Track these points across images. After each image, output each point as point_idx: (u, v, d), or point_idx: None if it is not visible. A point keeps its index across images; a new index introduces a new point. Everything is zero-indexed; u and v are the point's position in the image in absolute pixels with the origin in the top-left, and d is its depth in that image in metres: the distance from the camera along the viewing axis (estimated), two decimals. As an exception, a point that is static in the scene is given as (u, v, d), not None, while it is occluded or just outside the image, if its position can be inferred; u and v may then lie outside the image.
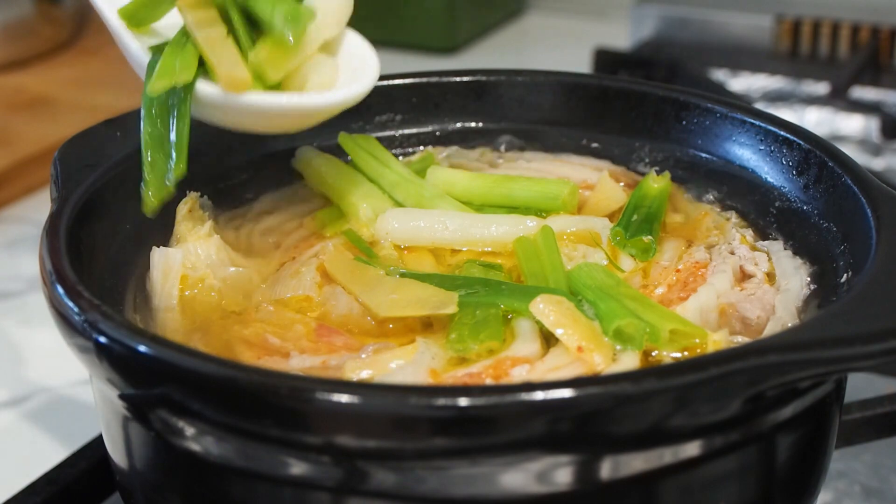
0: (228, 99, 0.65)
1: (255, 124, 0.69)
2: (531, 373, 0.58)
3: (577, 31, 1.81)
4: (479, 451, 0.49)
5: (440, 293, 0.63)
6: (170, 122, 0.66)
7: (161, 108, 0.66)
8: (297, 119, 0.69)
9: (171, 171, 0.65)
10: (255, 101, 0.66)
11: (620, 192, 0.77)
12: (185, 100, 0.65)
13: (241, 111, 0.66)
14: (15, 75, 1.53)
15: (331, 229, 0.74)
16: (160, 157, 0.66)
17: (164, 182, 0.66)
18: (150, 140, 0.66)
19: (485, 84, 0.84)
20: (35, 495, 0.74)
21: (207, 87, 0.66)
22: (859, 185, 0.65)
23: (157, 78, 0.64)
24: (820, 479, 0.62)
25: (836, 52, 1.55)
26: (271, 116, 0.67)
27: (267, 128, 0.71)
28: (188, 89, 0.65)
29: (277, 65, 0.66)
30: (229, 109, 0.66)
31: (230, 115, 0.68)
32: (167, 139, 0.66)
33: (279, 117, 0.68)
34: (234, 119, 0.68)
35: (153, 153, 0.66)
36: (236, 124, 0.69)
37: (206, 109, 0.67)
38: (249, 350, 0.62)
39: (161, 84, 0.64)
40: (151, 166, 0.66)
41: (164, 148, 0.66)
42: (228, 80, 0.65)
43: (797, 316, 0.64)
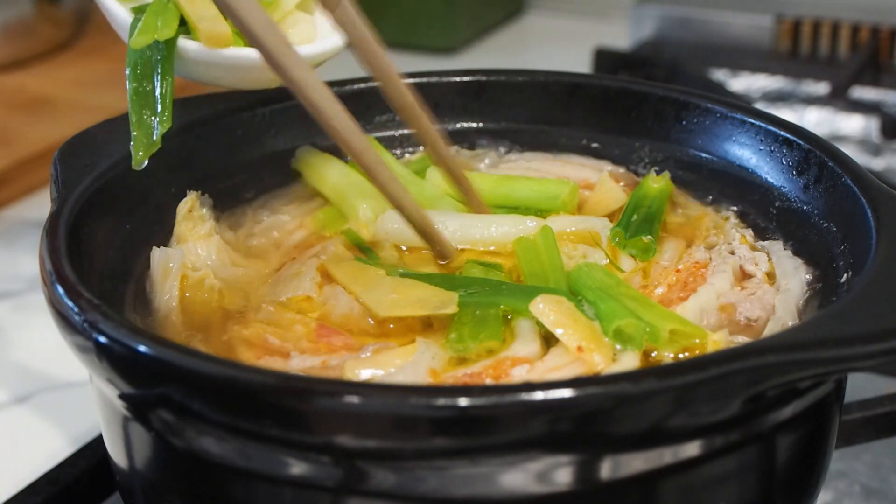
0: (210, 54, 0.68)
1: (236, 79, 0.71)
2: (531, 373, 0.58)
3: (577, 31, 1.81)
4: (480, 451, 0.49)
5: (440, 293, 0.63)
6: (154, 79, 0.68)
7: (145, 65, 0.68)
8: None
9: (157, 125, 0.67)
10: (236, 55, 0.68)
11: (620, 192, 0.77)
12: (168, 56, 0.68)
13: (223, 66, 0.69)
14: (15, 75, 1.53)
15: (331, 229, 0.74)
16: (146, 113, 0.68)
17: (152, 137, 0.67)
18: (136, 96, 0.68)
19: (485, 84, 0.84)
20: (35, 495, 0.74)
21: (190, 43, 0.68)
22: (859, 185, 0.65)
23: (139, 33, 0.67)
24: (820, 479, 0.62)
25: (836, 52, 1.55)
26: (252, 70, 0.69)
27: (248, 83, 0.73)
28: (170, 44, 0.68)
29: None
30: (211, 64, 0.69)
31: (212, 71, 0.70)
32: (152, 95, 0.68)
33: (258, 71, 0.69)
34: (216, 74, 0.70)
35: (139, 109, 0.68)
36: (218, 79, 0.71)
37: (189, 66, 0.69)
38: (249, 350, 0.62)
39: (143, 38, 0.66)
40: (138, 122, 0.68)
41: (149, 104, 0.68)
42: (210, 35, 0.67)
43: (797, 316, 0.64)
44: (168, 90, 0.68)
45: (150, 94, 0.68)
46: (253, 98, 0.80)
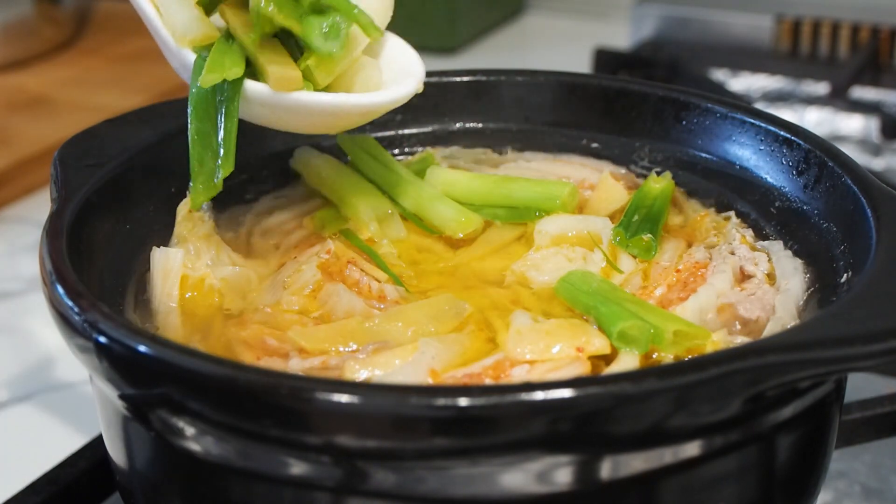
0: (278, 98, 0.65)
1: (301, 124, 0.69)
2: (531, 373, 0.58)
3: (577, 31, 1.81)
4: (480, 451, 0.49)
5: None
6: (217, 120, 0.66)
7: (208, 106, 0.66)
8: (343, 119, 0.69)
9: (220, 168, 0.66)
10: (303, 100, 0.66)
11: (622, 191, 0.77)
12: (233, 96, 0.66)
13: (290, 110, 0.67)
14: (15, 75, 1.53)
15: (330, 229, 0.74)
16: (208, 155, 0.66)
17: (213, 180, 0.66)
18: (198, 137, 0.66)
19: (485, 84, 0.84)
20: (35, 495, 0.74)
21: (256, 86, 0.66)
22: (859, 185, 0.65)
23: (207, 71, 0.64)
24: (820, 479, 0.62)
25: (836, 52, 1.55)
26: (319, 115, 0.67)
27: (312, 128, 0.71)
28: (237, 85, 0.66)
29: (326, 69, 0.67)
30: (278, 108, 0.67)
31: (277, 114, 0.68)
32: (215, 137, 0.66)
33: (326, 116, 0.68)
34: (281, 118, 0.69)
35: (201, 150, 0.66)
36: (282, 124, 0.70)
37: (253, 108, 0.67)
38: (249, 351, 0.62)
39: (211, 77, 0.64)
40: (199, 164, 0.66)
41: (211, 145, 0.66)
42: (279, 78, 0.65)
43: (797, 316, 0.64)
44: (232, 133, 0.66)
45: (213, 135, 0.66)
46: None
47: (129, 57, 1.60)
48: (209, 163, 0.66)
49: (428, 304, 0.65)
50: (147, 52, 1.60)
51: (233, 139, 0.66)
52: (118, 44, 1.64)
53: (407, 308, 0.65)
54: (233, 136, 0.66)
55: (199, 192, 0.67)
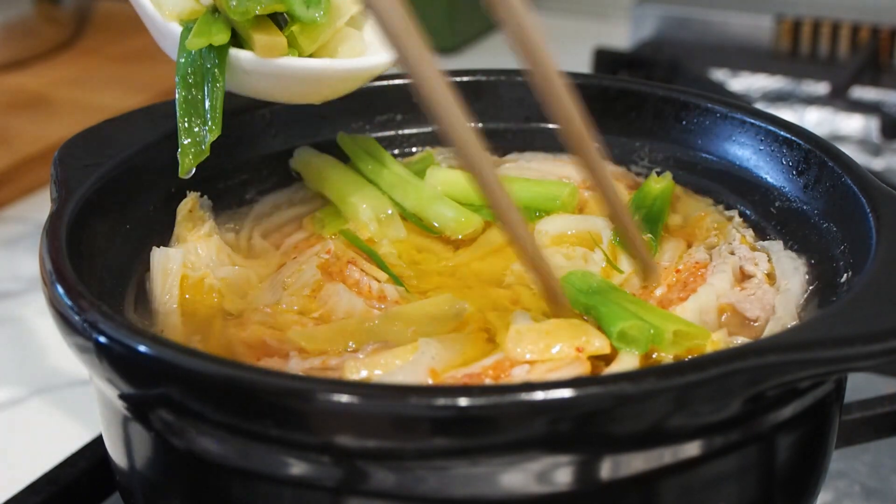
0: (263, 64, 0.66)
1: (287, 92, 0.70)
2: (531, 373, 0.58)
3: (577, 31, 1.81)
4: (480, 451, 0.49)
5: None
6: (204, 87, 0.67)
7: (195, 73, 0.67)
8: (328, 85, 0.70)
9: (207, 134, 0.67)
10: (289, 65, 0.67)
11: (623, 191, 0.77)
12: (219, 64, 0.67)
13: (275, 76, 0.68)
14: (15, 75, 1.53)
15: (330, 229, 0.74)
16: (196, 122, 0.67)
17: (201, 146, 0.67)
18: (185, 104, 0.67)
19: (485, 84, 0.84)
20: (35, 495, 0.74)
21: (242, 53, 0.67)
22: (859, 185, 0.65)
23: (194, 35, 0.66)
24: (820, 479, 0.62)
25: (836, 52, 1.55)
26: (304, 82, 0.68)
27: (298, 96, 0.72)
28: (223, 52, 0.67)
29: (311, 36, 0.68)
30: (263, 75, 0.68)
31: (263, 82, 0.69)
32: (202, 104, 0.67)
33: (311, 83, 0.69)
34: (267, 86, 0.69)
35: (188, 117, 0.67)
36: (269, 93, 0.71)
37: (240, 76, 0.68)
38: (248, 352, 0.62)
39: (198, 41, 0.65)
40: (187, 130, 0.67)
41: (198, 112, 0.67)
42: (264, 44, 0.66)
43: (797, 316, 0.64)
44: (219, 99, 0.67)
45: (200, 102, 0.67)
46: (253, 98, 0.79)
47: (129, 57, 1.60)
48: (197, 128, 0.67)
49: (428, 304, 0.65)
50: (147, 52, 1.59)
51: (219, 105, 0.67)
52: (118, 44, 1.64)
53: (407, 308, 0.65)
54: (220, 102, 0.67)
55: (187, 156, 0.68)
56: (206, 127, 0.67)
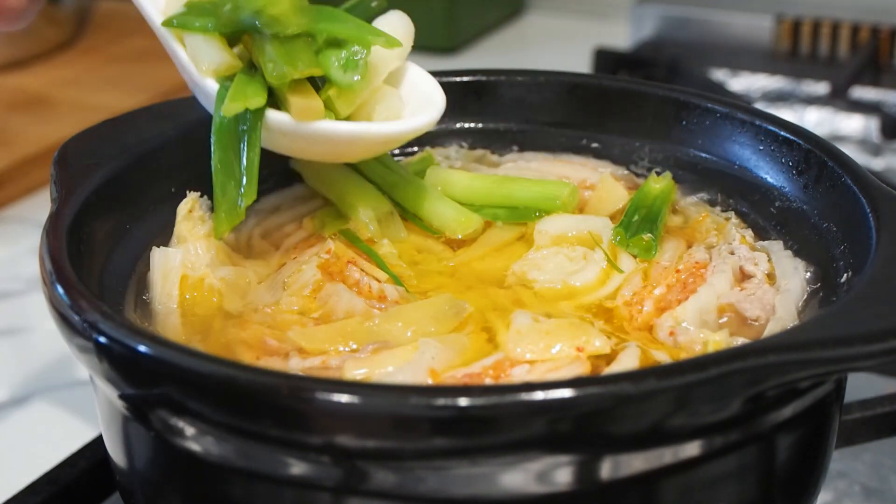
0: (299, 127, 0.66)
1: (323, 152, 0.70)
2: (531, 373, 0.58)
3: (577, 31, 1.81)
4: (479, 451, 0.49)
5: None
6: (240, 149, 0.67)
7: (231, 135, 0.67)
8: (364, 147, 0.70)
9: (242, 197, 0.67)
10: (325, 129, 0.67)
11: (623, 191, 0.77)
12: (255, 126, 0.66)
13: (311, 139, 0.67)
14: (15, 75, 1.53)
15: (330, 229, 0.74)
16: (231, 184, 0.67)
17: (236, 208, 0.67)
18: (221, 166, 0.67)
19: (485, 84, 0.84)
20: (35, 495, 0.74)
21: (278, 115, 0.66)
22: (859, 185, 0.65)
23: (230, 100, 0.65)
24: (820, 479, 0.62)
25: (836, 52, 1.55)
26: (340, 144, 0.68)
27: (334, 156, 0.72)
28: (259, 114, 0.66)
29: (348, 100, 0.68)
30: (300, 137, 0.67)
31: (299, 144, 0.69)
32: (238, 166, 0.67)
33: (347, 145, 0.69)
34: (303, 147, 0.69)
35: (224, 179, 0.67)
36: (305, 152, 0.71)
37: (276, 137, 0.68)
38: (249, 352, 0.62)
39: (234, 106, 0.65)
40: (223, 192, 0.67)
41: (234, 174, 0.67)
42: (300, 108, 0.66)
43: (797, 316, 0.64)
44: (254, 161, 0.66)
45: (236, 165, 0.67)
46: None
47: (129, 57, 1.60)
48: (232, 191, 0.67)
49: (428, 304, 0.65)
50: (147, 52, 1.60)
51: (255, 168, 0.67)
52: (118, 44, 1.64)
53: (407, 308, 0.65)
54: (255, 165, 0.67)
55: (222, 219, 0.68)
56: (241, 190, 0.67)
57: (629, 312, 0.66)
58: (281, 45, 0.66)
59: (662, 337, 0.63)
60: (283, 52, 0.65)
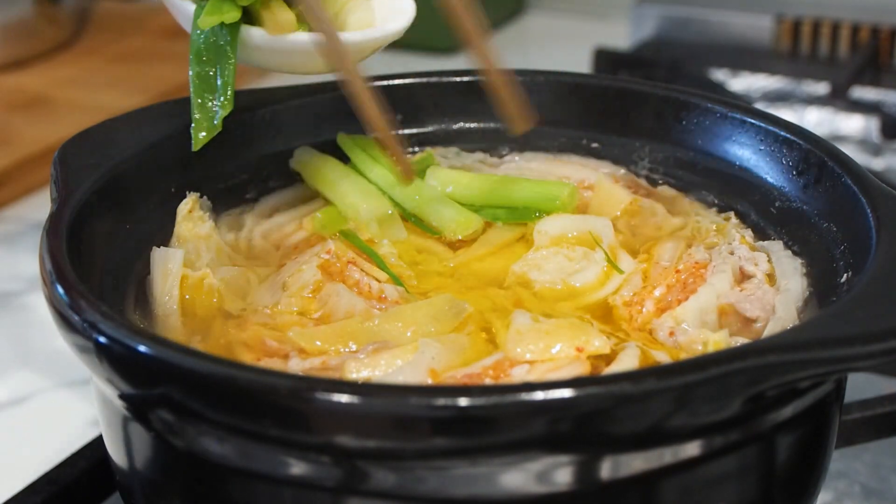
0: (273, 41, 0.69)
1: (298, 65, 0.73)
2: (531, 373, 0.58)
3: (577, 31, 1.81)
4: (480, 451, 0.49)
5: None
6: (217, 64, 0.69)
7: (208, 50, 0.69)
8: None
9: (219, 109, 0.70)
10: (299, 41, 0.70)
11: (623, 193, 0.77)
12: (231, 41, 0.69)
13: (286, 52, 0.70)
14: (15, 75, 1.53)
15: (330, 230, 0.74)
16: (208, 97, 0.70)
17: (213, 121, 0.69)
18: (198, 80, 0.70)
19: (485, 84, 0.84)
20: (35, 495, 0.74)
21: (253, 30, 0.69)
22: (859, 185, 0.65)
23: (206, 13, 0.68)
24: (820, 479, 0.62)
25: (836, 52, 1.55)
26: (315, 56, 0.70)
27: (310, 68, 0.73)
28: (234, 28, 0.69)
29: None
30: (274, 51, 0.70)
31: (275, 57, 0.71)
32: (214, 80, 0.70)
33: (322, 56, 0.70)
34: (277, 60, 0.72)
35: (201, 93, 0.70)
36: (280, 66, 0.73)
37: (250, 52, 0.71)
38: (248, 352, 0.62)
39: (210, 19, 0.68)
40: (200, 106, 0.70)
41: (211, 88, 0.70)
42: (273, 22, 0.68)
43: (797, 316, 0.64)
44: (230, 75, 0.69)
45: (213, 78, 0.70)
46: (253, 98, 0.80)
47: (129, 57, 1.60)
48: (209, 104, 0.70)
49: (428, 304, 0.65)
50: (147, 52, 1.60)
51: (231, 81, 0.70)
52: (118, 44, 1.64)
53: (407, 308, 0.65)
54: (231, 79, 0.70)
55: (200, 131, 0.70)
56: (219, 102, 0.69)
57: (629, 313, 0.66)
58: None
59: (662, 337, 0.63)
60: None
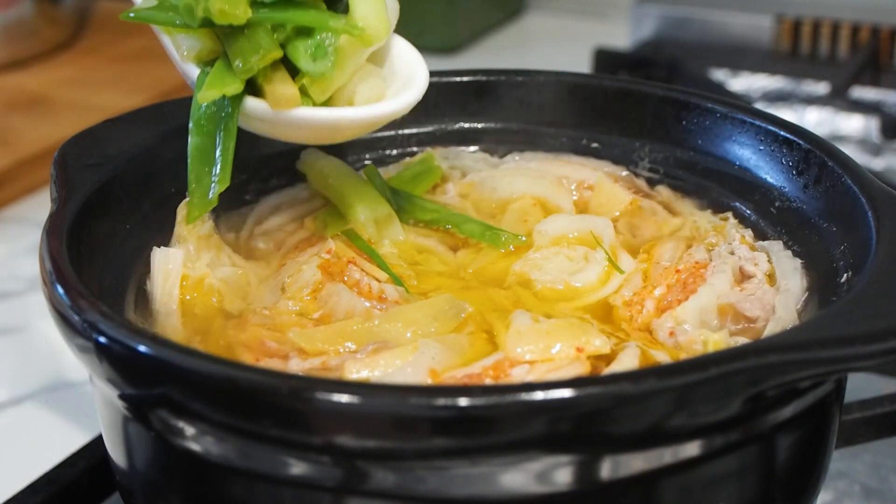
0: (277, 115, 0.66)
1: (303, 136, 0.70)
2: (531, 373, 0.58)
3: (577, 31, 1.81)
4: (480, 451, 0.49)
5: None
6: (217, 136, 0.66)
7: (209, 122, 0.67)
8: (345, 130, 0.70)
9: (215, 184, 0.67)
10: (303, 116, 0.66)
11: (623, 193, 0.77)
12: (232, 113, 0.66)
13: (291, 126, 0.67)
14: (15, 75, 1.53)
15: (331, 230, 0.74)
16: (205, 170, 0.67)
17: (208, 195, 0.67)
18: (196, 153, 0.67)
19: (485, 84, 0.84)
20: (35, 495, 0.74)
21: (256, 103, 0.66)
22: (859, 185, 0.65)
23: (207, 87, 0.65)
24: (820, 479, 0.62)
25: (836, 52, 1.55)
26: (321, 129, 0.68)
27: (315, 139, 0.72)
28: (236, 101, 0.66)
29: (321, 87, 0.67)
30: (279, 124, 0.67)
31: (281, 129, 0.68)
32: (213, 153, 0.67)
33: (329, 130, 0.68)
34: (286, 132, 0.69)
35: (198, 166, 0.67)
36: (285, 136, 0.70)
37: (255, 123, 0.68)
38: (248, 353, 0.62)
39: (211, 93, 0.65)
40: (196, 179, 0.67)
41: (209, 161, 0.67)
42: (276, 96, 0.65)
43: (797, 316, 0.64)
44: (230, 149, 0.66)
45: (212, 151, 0.67)
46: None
47: (129, 57, 1.60)
48: (205, 178, 0.67)
49: (428, 304, 0.65)
50: (147, 52, 1.60)
51: (230, 156, 0.67)
52: (118, 44, 1.64)
53: (407, 308, 0.65)
54: (230, 153, 0.67)
55: (194, 206, 0.67)
56: (215, 177, 0.67)
57: (629, 313, 0.66)
58: (240, 37, 0.65)
59: (662, 337, 0.63)
60: (244, 43, 0.65)
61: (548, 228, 0.73)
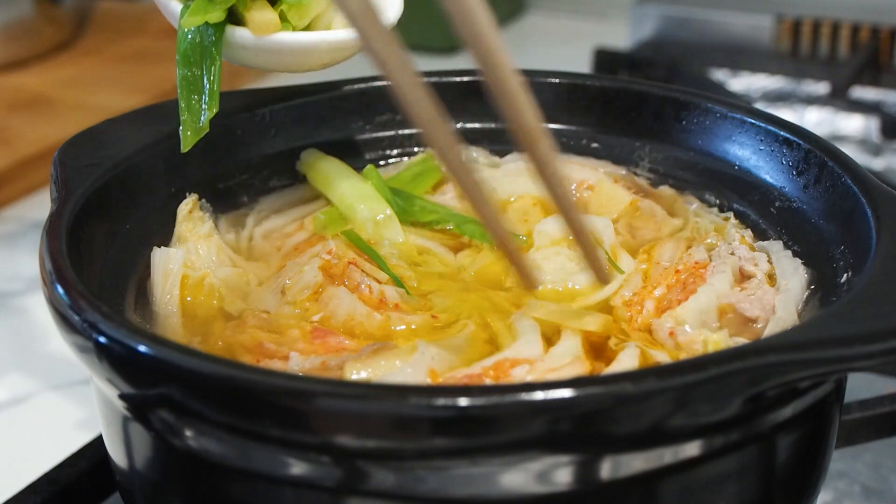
0: (258, 41, 0.70)
1: (285, 63, 0.73)
2: (531, 373, 0.58)
3: (577, 31, 1.81)
4: (480, 451, 0.49)
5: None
6: (203, 64, 0.70)
7: (194, 51, 0.70)
8: (324, 55, 0.73)
9: (205, 110, 0.70)
10: (283, 40, 0.70)
11: (624, 194, 0.77)
12: (216, 41, 0.70)
13: (272, 51, 0.71)
14: (15, 75, 1.53)
15: (331, 231, 0.74)
16: (195, 98, 0.70)
17: (199, 122, 0.70)
18: (185, 82, 0.70)
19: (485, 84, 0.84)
20: (35, 495, 0.74)
21: (238, 30, 0.70)
22: (859, 185, 0.65)
23: (189, 14, 0.68)
24: (820, 479, 0.62)
25: (836, 52, 1.55)
26: (300, 54, 0.71)
27: (296, 66, 0.74)
28: (219, 29, 0.70)
29: (300, 12, 0.71)
30: (259, 50, 0.71)
31: (261, 57, 0.72)
32: (201, 80, 0.70)
33: (307, 55, 0.72)
34: (265, 60, 0.72)
35: (188, 94, 0.70)
36: (267, 65, 0.73)
37: (237, 51, 0.71)
38: (248, 354, 0.62)
39: (194, 19, 0.68)
40: (187, 107, 0.70)
41: (197, 89, 0.70)
42: (257, 22, 0.69)
43: (797, 316, 0.64)
44: (216, 76, 0.70)
45: (199, 79, 0.70)
46: (253, 98, 0.80)
47: (129, 57, 1.60)
48: (195, 106, 0.70)
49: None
50: (147, 52, 1.60)
51: (217, 83, 0.70)
52: (118, 44, 1.64)
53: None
54: (217, 81, 0.70)
55: (187, 133, 0.70)
56: (205, 104, 0.70)
57: (629, 313, 0.66)
58: None
59: (662, 337, 0.63)
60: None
61: (548, 229, 0.73)
